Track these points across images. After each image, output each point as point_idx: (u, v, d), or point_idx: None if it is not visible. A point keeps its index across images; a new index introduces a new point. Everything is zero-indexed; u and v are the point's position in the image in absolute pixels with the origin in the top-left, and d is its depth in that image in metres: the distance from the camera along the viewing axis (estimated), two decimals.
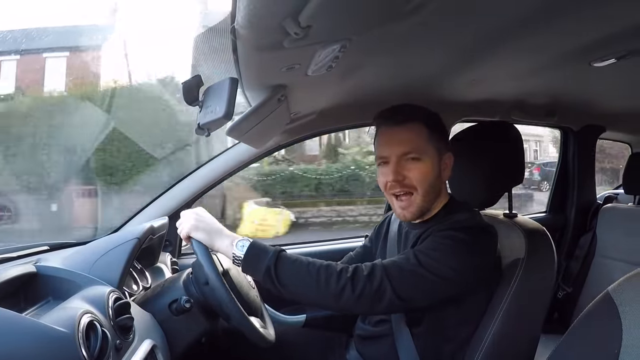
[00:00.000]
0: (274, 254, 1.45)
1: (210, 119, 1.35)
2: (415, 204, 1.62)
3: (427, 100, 1.71)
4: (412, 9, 1.13)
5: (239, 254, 1.46)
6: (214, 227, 1.53)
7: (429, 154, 1.60)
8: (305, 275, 1.44)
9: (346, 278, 1.43)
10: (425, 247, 1.51)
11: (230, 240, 1.50)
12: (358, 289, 1.42)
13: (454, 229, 1.53)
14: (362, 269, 1.46)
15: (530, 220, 1.83)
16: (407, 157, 1.59)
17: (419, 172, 1.59)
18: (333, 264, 1.47)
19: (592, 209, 3.11)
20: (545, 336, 1.75)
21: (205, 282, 1.54)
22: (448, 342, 1.65)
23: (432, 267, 1.45)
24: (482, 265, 1.56)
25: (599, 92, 2.33)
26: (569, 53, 1.64)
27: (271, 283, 1.45)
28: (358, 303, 1.43)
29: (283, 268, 1.44)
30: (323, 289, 1.43)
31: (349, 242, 2.88)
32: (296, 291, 1.47)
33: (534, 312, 1.70)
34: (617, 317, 1.05)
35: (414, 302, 1.49)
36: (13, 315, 1.08)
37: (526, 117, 2.64)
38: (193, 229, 1.51)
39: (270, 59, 1.27)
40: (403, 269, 1.47)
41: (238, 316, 1.48)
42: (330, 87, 1.85)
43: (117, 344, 1.23)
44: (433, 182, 1.61)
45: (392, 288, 1.42)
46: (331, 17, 1.04)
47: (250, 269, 1.48)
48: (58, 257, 1.67)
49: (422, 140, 1.60)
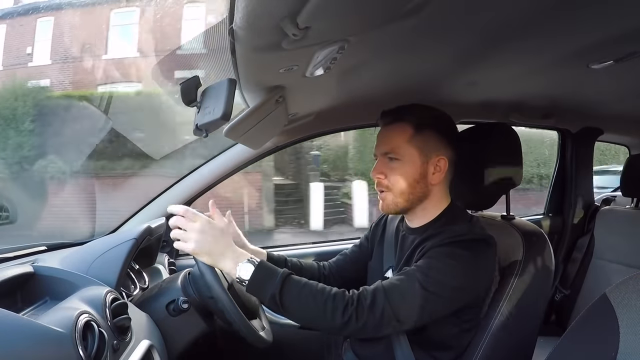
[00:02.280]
0: (280, 281, 1.43)
1: (208, 120, 1.35)
2: (391, 200, 1.65)
3: (425, 101, 1.70)
4: (410, 11, 1.13)
5: (244, 278, 1.43)
6: (218, 248, 1.46)
7: (408, 155, 1.61)
8: (311, 305, 1.44)
9: (352, 310, 1.42)
10: (426, 267, 1.50)
11: (234, 263, 1.45)
12: (362, 320, 1.42)
13: (454, 244, 1.52)
14: (365, 298, 1.45)
15: (527, 223, 1.83)
16: (387, 156, 1.63)
17: (397, 173, 1.62)
18: (339, 294, 1.45)
19: (589, 211, 3.10)
20: (542, 338, 1.76)
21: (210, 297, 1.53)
22: (445, 345, 1.65)
23: (434, 289, 1.45)
24: (483, 278, 1.58)
25: (597, 94, 2.32)
26: (567, 55, 1.64)
27: (276, 308, 1.44)
28: (363, 331, 1.44)
29: (288, 295, 1.43)
30: (329, 319, 1.42)
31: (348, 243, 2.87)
32: (301, 319, 1.51)
33: (532, 314, 1.70)
34: (614, 320, 1.06)
35: (417, 323, 1.50)
36: (10, 316, 1.08)
37: (524, 119, 2.64)
38: (197, 251, 1.45)
39: (268, 60, 1.27)
40: (405, 295, 1.46)
41: (235, 316, 1.48)
42: (328, 88, 1.85)
43: (115, 344, 1.24)
44: (412, 183, 1.62)
45: (396, 316, 1.44)
46: (329, 18, 1.04)
47: (255, 292, 1.46)
48: (56, 257, 1.68)
49: (402, 141, 1.62)
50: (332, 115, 2.35)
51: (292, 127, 2.32)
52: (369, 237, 2.02)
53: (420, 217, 1.69)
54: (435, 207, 1.68)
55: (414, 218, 1.71)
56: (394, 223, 1.87)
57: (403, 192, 1.62)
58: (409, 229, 1.74)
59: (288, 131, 2.36)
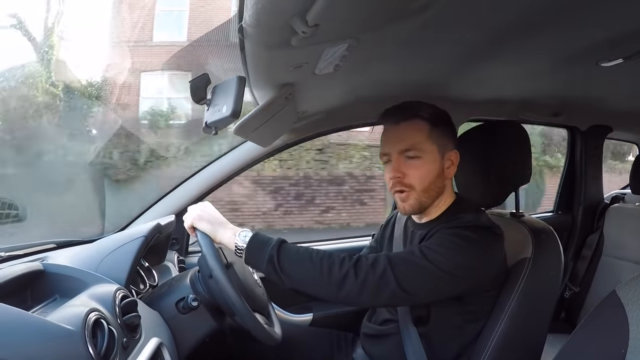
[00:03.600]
0: (277, 244, 1.47)
1: (218, 117, 1.35)
2: (414, 198, 1.62)
3: (434, 99, 1.70)
4: (419, 8, 1.13)
5: (242, 245, 1.47)
6: (218, 219, 1.54)
7: (429, 151, 1.60)
8: (308, 263, 1.45)
9: (349, 265, 1.43)
10: (431, 243, 1.51)
11: (233, 231, 1.51)
12: (361, 277, 1.42)
13: (460, 227, 1.52)
14: (366, 258, 1.46)
15: (537, 220, 1.83)
16: (406, 154, 1.60)
17: (419, 171, 1.60)
18: (335, 253, 1.47)
19: (599, 208, 3.10)
20: (552, 335, 1.75)
21: (210, 275, 1.54)
22: (455, 342, 1.65)
23: (436, 261, 1.44)
24: (487, 264, 1.56)
25: (607, 92, 2.32)
26: (577, 53, 1.63)
27: (274, 272, 1.45)
28: (360, 292, 1.43)
29: (285, 256, 1.45)
30: (326, 276, 1.43)
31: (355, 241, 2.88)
32: (298, 279, 1.47)
33: (541, 311, 1.70)
34: (623, 317, 1.05)
35: (417, 296, 1.49)
36: (20, 313, 1.08)
37: (533, 117, 2.64)
38: (197, 219, 1.52)
39: (277, 57, 1.27)
40: (407, 260, 1.47)
41: (241, 310, 1.47)
42: (337, 85, 1.85)
43: (124, 342, 1.23)
44: (434, 179, 1.61)
45: (396, 278, 1.42)
46: (338, 15, 1.04)
47: (253, 259, 1.48)
48: (65, 255, 1.67)
49: (422, 138, 1.60)
50: (341, 112, 2.35)
51: (301, 125, 2.32)
52: (378, 239, 2.03)
53: (430, 213, 1.69)
54: (445, 201, 1.69)
55: (425, 214, 1.71)
56: (402, 221, 1.87)
57: (426, 189, 1.61)
58: (417, 225, 1.74)
59: (297, 129, 2.37)
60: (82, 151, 8.09)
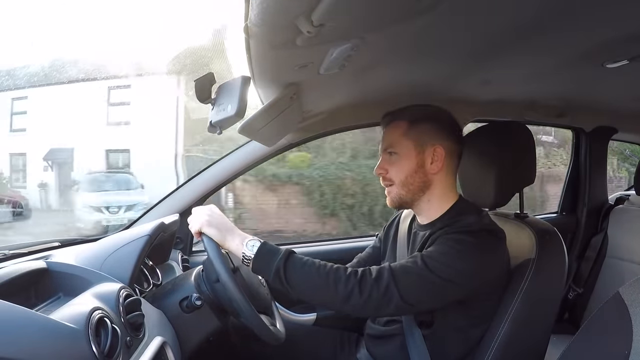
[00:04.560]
0: (284, 255, 1.46)
1: (222, 116, 1.36)
2: (395, 192, 1.69)
3: (439, 99, 1.71)
4: (424, 8, 1.13)
5: (249, 254, 1.47)
6: (226, 225, 1.53)
7: (404, 146, 1.67)
8: (314, 278, 1.45)
9: (354, 282, 1.43)
10: (432, 251, 1.52)
11: (240, 239, 1.50)
12: (365, 293, 1.43)
13: (461, 232, 1.53)
14: (370, 273, 1.47)
15: (541, 221, 1.82)
16: (388, 151, 1.69)
17: (395, 166, 1.69)
18: (342, 268, 1.48)
19: (603, 209, 3.09)
20: (555, 336, 1.75)
21: (216, 280, 1.53)
22: (459, 343, 1.65)
23: (439, 271, 1.45)
24: (489, 268, 1.56)
25: (612, 93, 2.31)
26: (582, 54, 1.63)
27: (280, 284, 1.46)
28: (365, 306, 1.44)
29: (292, 269, 1.45)
30: (332, 291, 1.44)
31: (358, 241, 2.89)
32: (305, 292, 1.48)
33: (545, 312, 1.69)
34: (627, 318, 1.05)
35: (420, 305, 1.51)
36: (24, 311, 1.09)
37: (538, 118, 2.63)
38: (205, 224, 1.51)
39: (282, 57, 1.27)
40: (410, 272, 1.47)
41: (248, 313, 1.48)
42: (342, 85, 1.85)
43: (128, 340, 1.24)
44: (411, 174, 1.66)
45: (399, 292, 1.43)
46: (344, 16, 1.05)
47: (260, 269, 1.48)
48: (69, 253, 1.68)
49: (398, 135, 1.68)
50: (346, 112, 2.35)
51: (306, 125, 2.32)
52: (381, 237, 2.04)
53: (427, 211, 1.71)
54: (441, 200, 1.70)
55: (422, 212, 1.73)
56: (406, 222, 1.88)
57: (403, 183, 1.67)
58: (419, 225, 1.75)
59: (302, 128, 2.37)
60: None
